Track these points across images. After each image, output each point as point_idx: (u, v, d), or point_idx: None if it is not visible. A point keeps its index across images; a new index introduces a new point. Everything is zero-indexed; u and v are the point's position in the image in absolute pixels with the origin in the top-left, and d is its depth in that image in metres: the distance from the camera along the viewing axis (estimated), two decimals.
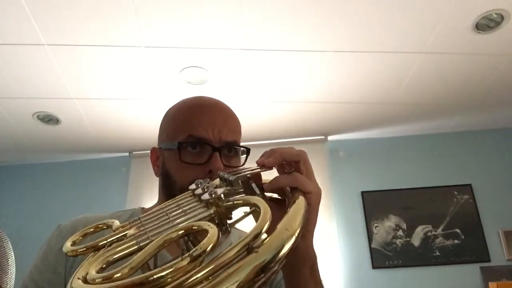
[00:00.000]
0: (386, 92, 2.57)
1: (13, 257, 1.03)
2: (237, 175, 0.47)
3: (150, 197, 2.98)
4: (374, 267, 2.77)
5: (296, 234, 0.36)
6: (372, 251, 2.81)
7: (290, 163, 0.53)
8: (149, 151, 0.76)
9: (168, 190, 0.67)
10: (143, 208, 0.76)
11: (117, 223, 0.44)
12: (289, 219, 0.39)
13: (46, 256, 0.65)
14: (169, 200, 0.47)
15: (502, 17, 1.91)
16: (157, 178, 0.73)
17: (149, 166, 0.76)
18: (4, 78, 2.24)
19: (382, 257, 2.79)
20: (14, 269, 1.03)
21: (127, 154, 3.30)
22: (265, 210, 0.36)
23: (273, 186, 0.51)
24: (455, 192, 2.93)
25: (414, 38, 2.06)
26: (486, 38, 2.05)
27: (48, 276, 0.63)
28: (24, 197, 3.28)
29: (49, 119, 2.72)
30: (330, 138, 3.17)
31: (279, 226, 0.36)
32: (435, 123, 3.03)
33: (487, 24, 1.95)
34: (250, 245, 0.32)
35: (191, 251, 0.29)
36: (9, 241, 1.03)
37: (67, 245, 0.40)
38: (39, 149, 3.18)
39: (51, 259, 0.64)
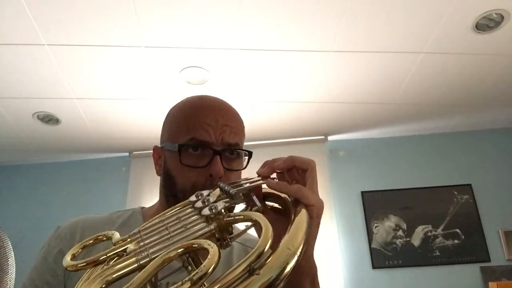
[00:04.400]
0: (386, 92, 2.56)
1: (13, 257, 1.03)
2: (238, 188, 0.47)
3: (150, 197, 2.98)
4: (374, 267, 2.77)
5: (298, 252, 0.35)
6: (372, 251, 2.81)
7: (298, 170, 0.52)
8: (149, 151, 0.76)
9: (169, 190, 0.67)
10: (142, 207, 0.76)
11: (117, 235, 0.43)
12: (291, 236, 0.38)
13: (45, 258, 0.65)
14: (169, 209, 0.47)
15: (502, 17, 1.91)
16: (157, 178, 0.73)
17: (149, 166, 0.76)
18: (4, 78, 2.24)
19: (382, 257, 2.79)
20: (14, 269, 1.02)
21: (127, 154, 3.30)
22: (267, 227, 0.36)
23: (277, 188, 0.50)
24: (455, 192, 2.93)
25: (414, 38, 2.06)
26: (486, 38, 2.05)
27: (47, 278, 0.63)
28: (24, 197, 3.28)
29: (49, 119, 2.72)
30: (330, 138, 3.17)
31: (281, 244, 0.36)
32: (435, 123, 3.03)
33: (487, 24, 1.95)
34: (252, 267, 0.32)
35: (192, 275, 0.29)
36: (9, 242, 1.03)
37: (67, 259, 0.40)
38: (39, 149, 3.18)
39: (50, 261, 0.64)
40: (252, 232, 0.48)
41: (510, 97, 2.68)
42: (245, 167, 0.68)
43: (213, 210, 0.40)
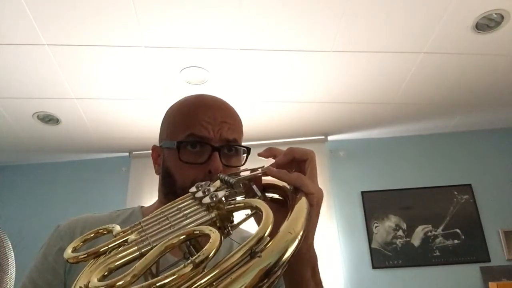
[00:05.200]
0: (386, 92, 2.56)
1: (13, 257, 1.03)
2: (238, 177, 0.47)
3: (150, 197, 2.98)
4: (374, 267, 2.77)
5: (299, 237, 0.35)
6: (372, 251, 2.81)
7: (298, 161, 0.52)
8: (149, 151, 0.76)
9: (168, 189, 0.67)
10: (142, 206, 0.76)
11: (117, 228, 0.43)
12: (292, 221, 0.38)
13: (45, 257, 0.65)
14: (170, 203, 0.47)
15: (502, 17, 1.91)
16: (157, 178, 0.73)
17: (149, 166, 0.76)
18: (4, 78, 2.24)
19: (382, 257, 2.79)
20: (14, 269, 1.02)
21: (127, 154, 3.30)
22: (267, 213, 0.36)
23: (277, 176, 0.50)
24: (455, 192, 2.93)
25: (414, 38, 2.06)
26: (486, 38, 2.05)
27: (47, 277, 0.63)
28: (24, 197, 3.28)
29: (49, 119, 2.72)
30: (330, 138, 3.17)
31: (281, 229, 0.36)
32: (435, 123, 3.03)
33: (487, 24, 1.95)
34: (253, 250, 0.31)
35: (194, 258, 0.29)
36: (9, 241, 1.03)
37: (68, 252, 0.39)
38: (39, 149, 3.18)
39: (50, 260, 0.64)
40: (252, 231, 0.48)
41: (510, 97, 2.68)
42: (244, 164, 0.69)
43: (214, 199, 0.40)
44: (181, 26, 1.92)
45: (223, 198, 0.40)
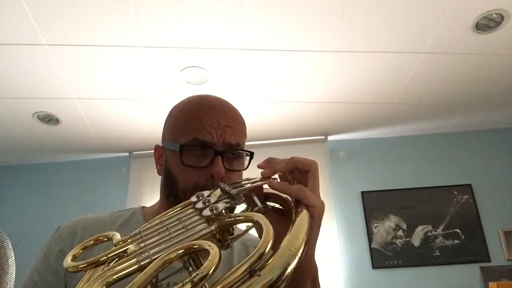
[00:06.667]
0: (386, 92, 2.56)
1: (13, 257, 1.03)
2: (239, 189, 0.47)
3: (150, 197, 2.98)
4: (374, 267, 2.77)
5: (299, 254, 0.35)
6: (372, 251, 2.81)
7: (300, 172, 0.52)
8: (149, 151, 0.76)
9: (170, 190, 0.67)
10: (143, 207, 0.76)
11: (117, 236, 0.44)
12: (292, 237, 0.38)
13: (46, 258, 0.65)
14: (170, 210, 0.47)
15: (502, 17, 1.91)
16: (158, 178, 0.73)
17: (149, 166, 0.76)
18: (4, 78, 2.24)
19: (382, 257, 2.79)
20: (14, 269, 1.02)
21: (127, 154, 3.30)
22: (267, 228, 0.36)
23: (278, 189, 0.50)
24: (455, 192, 2.93)
25: (414, 38, 2.06)
26: (486, 38, 2.05)
27: (48, 278, 0.63)
28: (24, 197, 3.27)
29: (49, 119, 2.72)
30: (330, 138, 3.17)
31: (282, 246, 0.36)
32: (435, 123, 3.03)
33: (487, 24, 1.95)
34: (253, 268, 0.31)
35: (192, 276, 0.29)
36: (9, 241, 1.03)
37: (68, 261, 0.40)
38: (39, 149, 3.18)
39: (51, 261, 0.64)
40: (253, 231, 0.48)
41: (510, 97, 2.68)
42: (246, 168, 0.69)
43: (214, 211, 0.40)
44: (181, 26, 1.92)
45: (223, 211, 0.40)
